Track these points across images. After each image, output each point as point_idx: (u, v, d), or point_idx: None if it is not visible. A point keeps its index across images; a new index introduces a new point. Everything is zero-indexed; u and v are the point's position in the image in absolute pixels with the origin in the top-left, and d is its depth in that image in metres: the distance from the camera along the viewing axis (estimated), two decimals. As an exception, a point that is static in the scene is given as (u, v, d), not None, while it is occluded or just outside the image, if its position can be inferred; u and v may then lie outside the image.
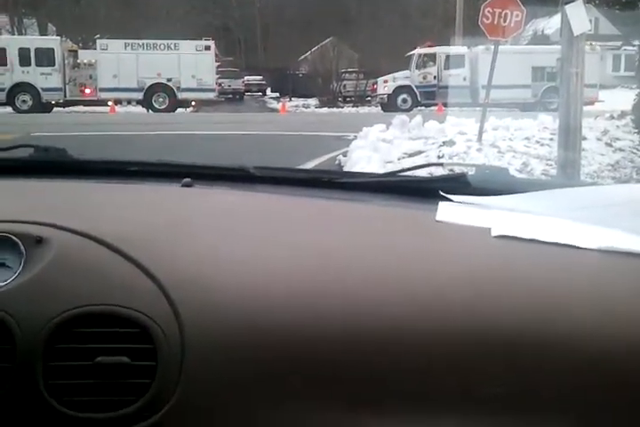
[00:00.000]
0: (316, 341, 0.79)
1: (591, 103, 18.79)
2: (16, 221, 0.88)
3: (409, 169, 1.31)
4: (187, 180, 1.13)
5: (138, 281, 0.82)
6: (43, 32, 33.05)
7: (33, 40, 24.84)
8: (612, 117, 10.88)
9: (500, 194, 1.11)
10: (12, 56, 22.46)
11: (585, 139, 7.75)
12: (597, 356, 0.78)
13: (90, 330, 0.80)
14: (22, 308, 0.80)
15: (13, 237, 0.85)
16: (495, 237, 0.93)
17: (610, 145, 8.75)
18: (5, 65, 22.37)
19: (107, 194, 1.10)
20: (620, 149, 8.58)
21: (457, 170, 1.24)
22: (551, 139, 8.58)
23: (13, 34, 32.35)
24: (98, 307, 0.80)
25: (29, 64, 22.59)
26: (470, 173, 1.19)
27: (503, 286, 0.84)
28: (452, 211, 1.05)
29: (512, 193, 1.11)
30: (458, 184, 1.14)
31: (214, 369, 0.78)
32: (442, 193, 1.12)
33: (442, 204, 1.08)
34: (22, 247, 0.85)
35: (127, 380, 0.78)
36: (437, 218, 1.01)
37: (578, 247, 0.91)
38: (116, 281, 0.82)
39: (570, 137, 6.27)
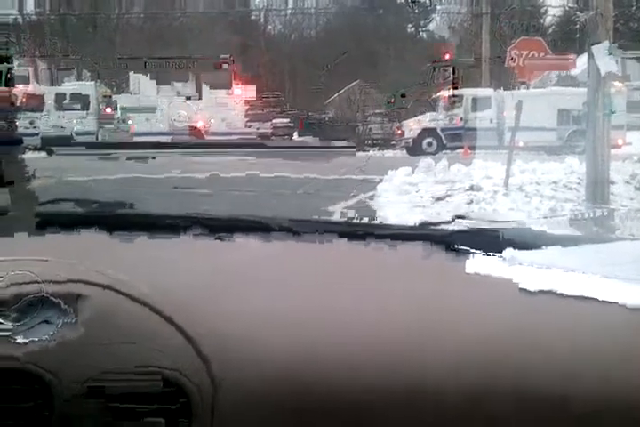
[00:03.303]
0: (348, 393, 0.79)
1: (618, 146, 18.62)
2: (59, 281, 0.91)
3: (437, 223, 1.31)
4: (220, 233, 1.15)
5: (172, 338, 0.84)
6: (78, 77, 34.10)
7: (69, 85, 25.62)
8: (640, 160, 10.78)
9: (529, 248, 1.11)
10: (50, 101, 23.16)
11: (613, 183, 7.69)
12: (629, 415, 0.77)
13: (125, 388, 0.81)
14: (61, 365, 0.82)
15: (55, 296, 0.88)
16: (524, 292, 0.94)
17: (639, 189, 8.65)
18: (42, 111, 23.06)
19: (142, 248, 1.13)
20: (650, 193, 8.47)
21: (485, 223, 1.25)
22: (579, 183, 8.51)
23: (50, 79, 33.42)
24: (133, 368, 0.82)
25: (65, 109, 23.25)
26: (499, 226, 1.19)
27: (531, 342, 0.84)
28: (481, 265, 1.05)
29: (540, 247, 1.11)
30: (486, 237, 1.14)
31: (246, 424, 0.78)
32: (470, 247, 1.13)
33: (470, 257, 1.09)
34: (63, 305, 0.87)
35: None
36: (466, 272, 1.01)
37: (608, 304, 0.90)
38: (152, 339, 0.84)
39: (598, 185, 6.22)
